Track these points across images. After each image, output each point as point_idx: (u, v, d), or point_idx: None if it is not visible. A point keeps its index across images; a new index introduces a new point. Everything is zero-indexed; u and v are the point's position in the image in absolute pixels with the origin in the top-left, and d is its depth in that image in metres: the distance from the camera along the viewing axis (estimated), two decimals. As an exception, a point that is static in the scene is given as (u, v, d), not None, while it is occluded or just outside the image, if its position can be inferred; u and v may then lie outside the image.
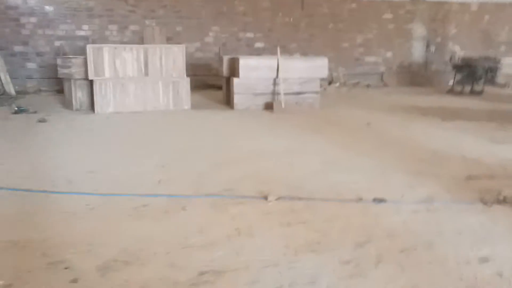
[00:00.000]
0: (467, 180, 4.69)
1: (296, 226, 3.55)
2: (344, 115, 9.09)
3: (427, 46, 15.85)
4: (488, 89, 12.90)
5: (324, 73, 10.11)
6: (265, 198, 4.10)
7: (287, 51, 14.66)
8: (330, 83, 14.75)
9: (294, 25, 14.68)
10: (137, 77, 9.24)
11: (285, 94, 9.66)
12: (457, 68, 13.09)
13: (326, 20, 14.88)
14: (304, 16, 14.70)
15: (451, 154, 5.86)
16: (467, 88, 12.78)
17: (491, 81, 13.27)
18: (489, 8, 16.16)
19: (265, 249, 3.16)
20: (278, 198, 4.08)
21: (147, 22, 13.39)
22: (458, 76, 13.12)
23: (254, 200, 4.09)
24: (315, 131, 7.55)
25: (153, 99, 9.37)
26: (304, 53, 14.76)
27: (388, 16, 15.39)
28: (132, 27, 13.36)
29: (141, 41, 12.83)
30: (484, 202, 4.00)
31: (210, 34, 14.21)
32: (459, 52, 15.83)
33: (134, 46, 9.48)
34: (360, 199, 4.10)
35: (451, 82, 15.59)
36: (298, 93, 9.86)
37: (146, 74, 9.30)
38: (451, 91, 13.02)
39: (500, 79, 14.91)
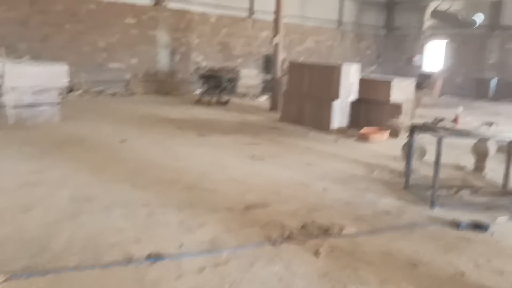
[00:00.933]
0: (245, 211, 4.20)
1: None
2: (92, 131, 7.81)
3: (172, 54, 15.66)
4: (231, 99, 13.32)
5: (64, 81, 8.57)
6: (-14, 280, 2.70)
7: (15, 53, 12.30)
8: (70, 90, 13.02)
9: (22, 22, 12.41)
10: None
11: (14, 106, 7.77)
12: (204, 78, 13.17)
13: (62, 20, 13.08)
14: (35, 13, 12.58)
15: (219, 176, 5.37)
16: (214, 98, 12.96)
17: (232, 91, 13.83)
18: (226, 21, 17.00)
19: None
20: (8, 279, 2.73)
21: None
22: (205, 87, 13.22)
23: (-33, 287, 2.65)
24: (57, 152, 6.11)
25: None
26: (37, 56, 12.61)
27: (131, 20, 14.54)
28: None
29: None
30: (271, 241, 3.51)
31: None
32: (203, 62, 16.19)
33: None
34: (130, 259, 3.10)
35: (197, 92, 15.86)
36: (32, 105, 8.07)
37: None
38: (199, 101, 13.01)
39: (240, 89, 15.87)
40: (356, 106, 9.16)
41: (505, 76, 19.24)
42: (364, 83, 8.98)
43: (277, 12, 11.83)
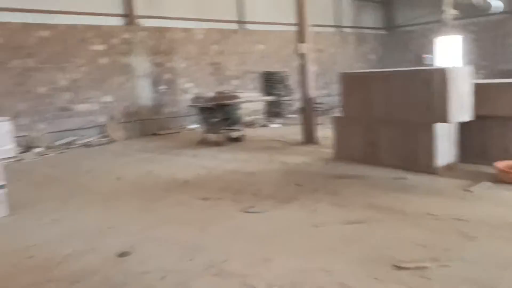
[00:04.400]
0: None
1: None
2: (62, 236, 4.45)
3: (155, 85, 12.33)
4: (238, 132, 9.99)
5: (9, 148, 5.16)
6: None
7: None
8: (28, 149, 9.55)
9: None
10: None
11: None
12: (206, 111, 9.87)
13: (4, 56, 9.64)
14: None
15: None
16: (222, 136, 9.67)
17: (237, 122, 10.42)
18: (215, 36, 13.83)
19: None
20: None
21: None
22: (209, 121, 9.93)
23: None
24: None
25: None
26: (-26, 108, 9.18)
27: (99, 47, 11.19)
28: None
29: None
30: None
31: None
32: (193, 89, 12.92)
33: None
34: None
35: (193, 126, 12.57)
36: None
37: None
38: (204, 141, 9.72)
39: (244, 118, 12.61)
40: (462, 128, 6.06)
41: (537, 65, 16.67)
42: (475, 92, 5.87)
43: (301, 15, 8.72)
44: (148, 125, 12.05)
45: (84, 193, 6.05)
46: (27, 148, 9.55)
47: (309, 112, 8.78)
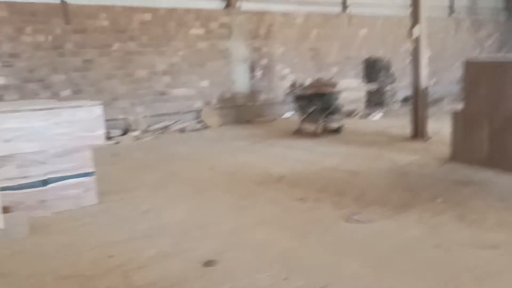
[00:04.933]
0: None
1: None
2: (146, 229, 4.14)
3: (252, 70, 11.93)
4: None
5: (99, 134, 4.96)
6: None
7: (50, 89, 9.14)
8: (125, 132, 9.64)
9: (56, 46, 9.19)
10: None
11: (5, 189, 4.28)
12: (303, 99, 9.26)
13: (108, 38, 9.75)
14: (71, 33, 9.34)
15: None
16: (320, 126, 8.99)
17: (336, 112, 9.61)
18: (316, 20, 13.08)
19: None
20: None
21: None
22: (305, 110, 9.32)
23: None
24: None
25: None
26: (78, 90, 9.41)
27: (198, 31, 11.00)
28: None
29: None
30: None
31: None
32: (290, 76, 12.34)
33: None
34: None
35: (287, 115, 12.04)
36: (43, 183, 4.54)
37: None
38: (299, 132, 9.13)
39: (344, 108, 11.80)
40: None
41: None
42: None
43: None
44: (243, 112, 11.71)
45: (176, 182, 5.78)
46: (124, 131, 9.65)
47: (420, 103, 7.81)
